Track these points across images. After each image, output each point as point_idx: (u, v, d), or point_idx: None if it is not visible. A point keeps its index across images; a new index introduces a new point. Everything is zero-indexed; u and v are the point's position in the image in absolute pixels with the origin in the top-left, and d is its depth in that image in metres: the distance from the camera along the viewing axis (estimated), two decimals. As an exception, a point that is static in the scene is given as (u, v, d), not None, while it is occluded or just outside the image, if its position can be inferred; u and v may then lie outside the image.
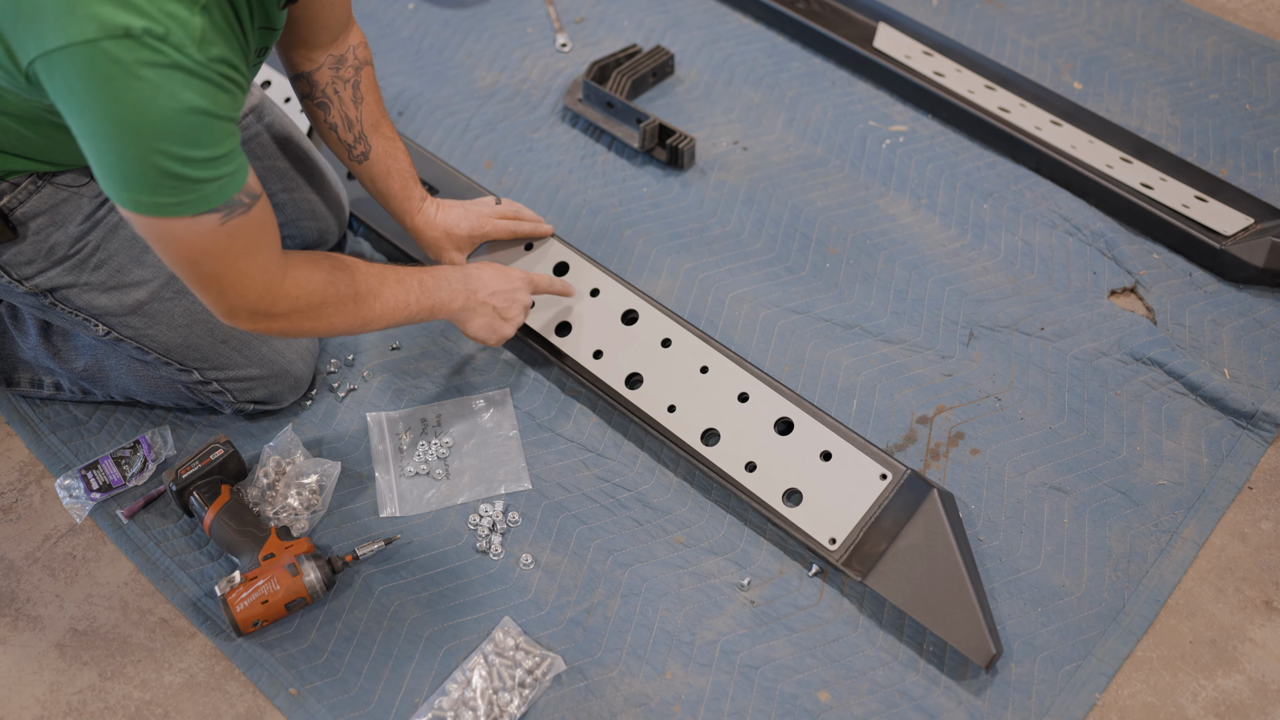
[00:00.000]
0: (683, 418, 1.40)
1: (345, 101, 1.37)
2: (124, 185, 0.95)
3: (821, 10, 2.00)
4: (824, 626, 1.26)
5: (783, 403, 1.38)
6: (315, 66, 1.35)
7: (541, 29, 2.04)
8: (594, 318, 1.49)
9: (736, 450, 1.36)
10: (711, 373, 1.42)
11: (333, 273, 1.19)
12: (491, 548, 1.33)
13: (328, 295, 1.17)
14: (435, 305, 1.30)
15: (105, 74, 0.89)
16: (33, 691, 1.25)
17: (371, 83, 1.39)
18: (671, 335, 1.46)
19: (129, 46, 0.88)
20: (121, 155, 0.93)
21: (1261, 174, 1.74)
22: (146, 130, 0.91)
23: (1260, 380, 1.47)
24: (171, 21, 0.90)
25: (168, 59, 0.90)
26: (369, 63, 1.38)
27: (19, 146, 1.13)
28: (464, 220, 1.49)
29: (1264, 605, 1.28)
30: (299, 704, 1.21)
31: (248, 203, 1.03)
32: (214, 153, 0.96)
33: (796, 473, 1.33)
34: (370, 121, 1.39)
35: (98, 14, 0.87)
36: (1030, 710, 1.19)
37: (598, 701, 1.21)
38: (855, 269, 1.63)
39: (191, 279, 1.06)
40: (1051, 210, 1.69)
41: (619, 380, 1.44)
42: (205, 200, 0.98)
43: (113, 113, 0.90)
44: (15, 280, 1.25)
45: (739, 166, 1.78)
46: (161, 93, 0.90)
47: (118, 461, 1.40)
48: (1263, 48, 1.95)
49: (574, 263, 1.55)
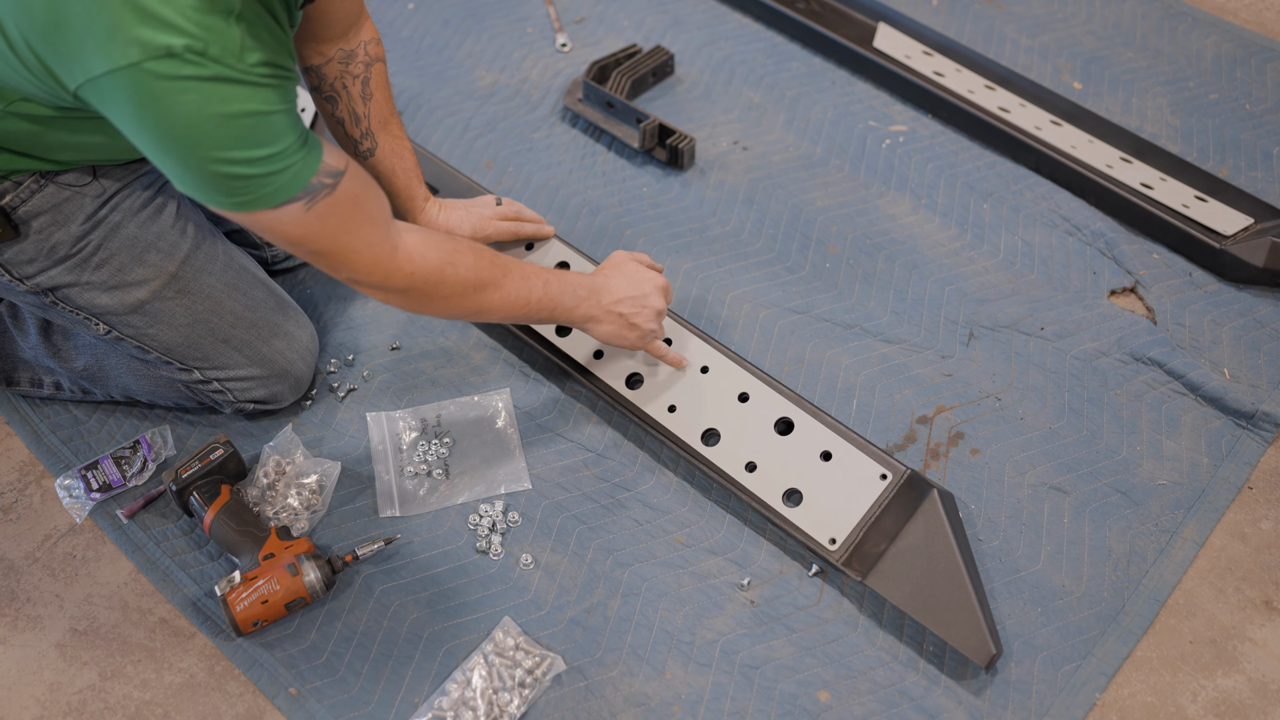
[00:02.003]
0: (683, 418, 1.40)
1: (353, 97, 1.37)
2: (198, 192, 0.99)
3: (821, 10, 2.00)
4: (824, 626, 1.26)
5: (783, 403, 1.38)
6: (324, 60, 1.35)
7: (541, 29, 2.04)
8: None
9: (736, 450, 1.36)
10: (711, 373, 1.42)
11: (453, 255, 1.18)
12: (491, 548, 1.33)
13: (445, 275, 1.17)
14: (557, 307, 1.29)
15: (153, 94, 0.92)
16: (33, 691, 1.25)
17: (382, 80, 1.39)
18: (672, 335, 1.46)
19: (173, 65, 0.90)
20: (185, 167, 0.97)
21: (1261, 174, 1.75)
22: (202, 142, 0.95)
23: (1260, 380, 1.47)
24: (210, 35, 0.91)
25: (211, 71, 0.92)
26: (380, 59, 1.38)
27: (27, 145, 1.13)
28: (465, 221, 1.50)
29: (1264, 605, 1.28)
30: (299, 704, 1.21)
31: (330, 183, 1.05)
32: (274, 149, 0.99)
33: (796, 473, 1.33)
34: (378, 119, 1.40)
35: (139, 37, 0.89)
36: (1030, 710, 1.19)
37: (598, 701, 1.21)
38: (855, 269, 1.63)
39: (304, 256, 1.10)
40: (1051, 210, 1.69)
41: (619, 381, 1.44)
42: (281, 191, 1.01)
43: (166, 130, 0.94)
44: (16, 279, 1.25)
45: (739, 166, 1.78)
46: (209, 104, 0.93)
47: (118, 461, 1.40)
48: (1263, 48, 1.95)
49: (575, 263, 1.55)
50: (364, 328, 1.56)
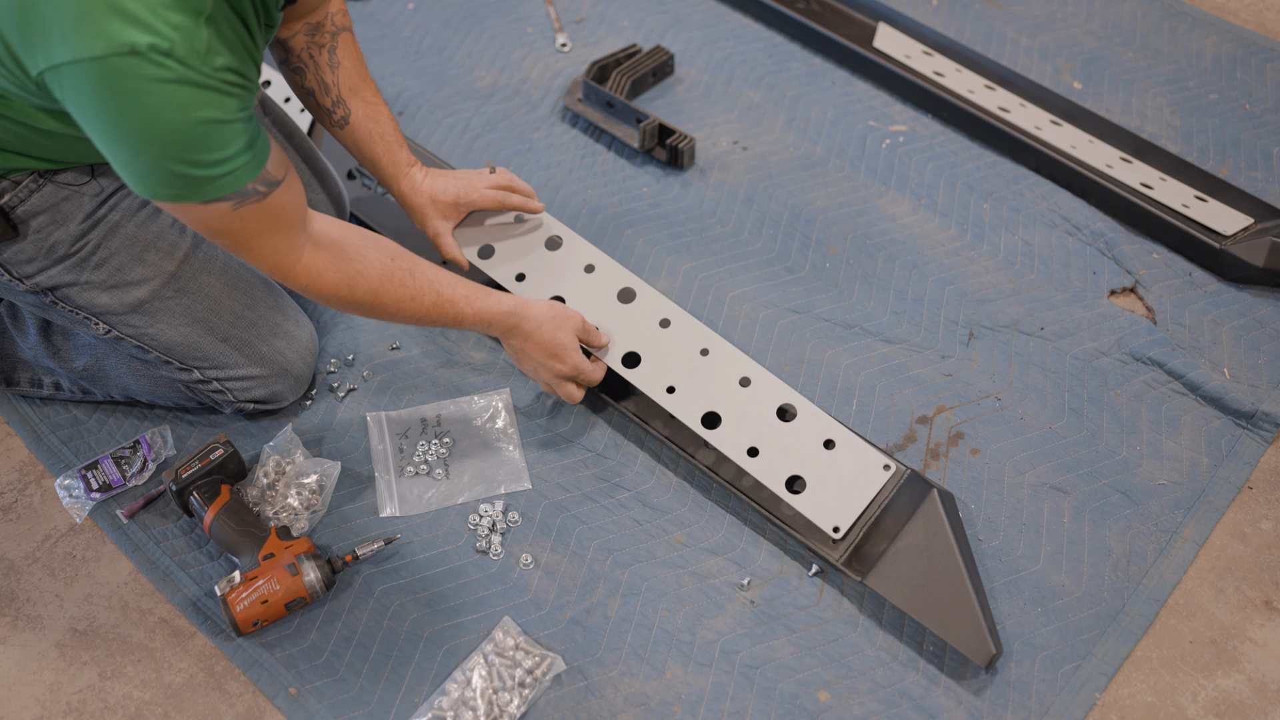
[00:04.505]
0: (682, 400, 1.38)
1: (321, 66, 1.37)
2: (138, 181, 1.00)
3: (821, 10, 2.00)
4: (824, 626, 1.26)
5: (784, 390, 1.37)
6: (291, 34, 1.35)
7: (541, 29, 2.04)
8: (590, 297, 1.47)
9: (738, 436, 1.35)
10: (712, 355, 1.41)
11: (352, 279, 1.20)
12: (491, 548, 1.33)
13: (340, 296, 1.21)
14: (466, 331, 1.30)
15: (114, 89, 0.92)
16: (33, 691, 1.25)
17: (349, 48, 1.39)
18: (670, 316, 1.44)
19: (136, 63, 0.90)
20: (133, 159, 0.98)
21: (1261, 174, 1.75)
22: (156, 140, 0.95)
23: (1260, 380, 1.47)
24: (177, 34, 0.91)
25: (174, 73, 0.92)
26: (347, 29, 1.38)
27: (20, 145, 1.13)
28: (450, 187, 1.47)
29: (1264, 605, 1.28)
30: (299, 704, 1.21)
31: (264, 191, 1.07)
32: (223, 154, 1.00)
33: (799, 459, 1.33)
34: (348, 86, 1.39)
35: (105, 30, 0.89)
36: (1030, 710, 1.19)
37: (598, 701, 1.21)
38: (855, 269, 1.63)
39: (210, 239, 1.12)
40: (1051, 210, 1.69)
41: (617, 362, 1.42)
42: (217, 189, 1.02)
43: (123, 124, 0.94)
44: (16, 279, 1.25)
45: (739, 166, 1.78)
46: (169, 106, 0.94)
47: (118, 461, 1.39)
48: (1263, 48, 1.95)
49: (568, 241, 1.53)
50: (364, 328, 1.56)
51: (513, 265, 1.51)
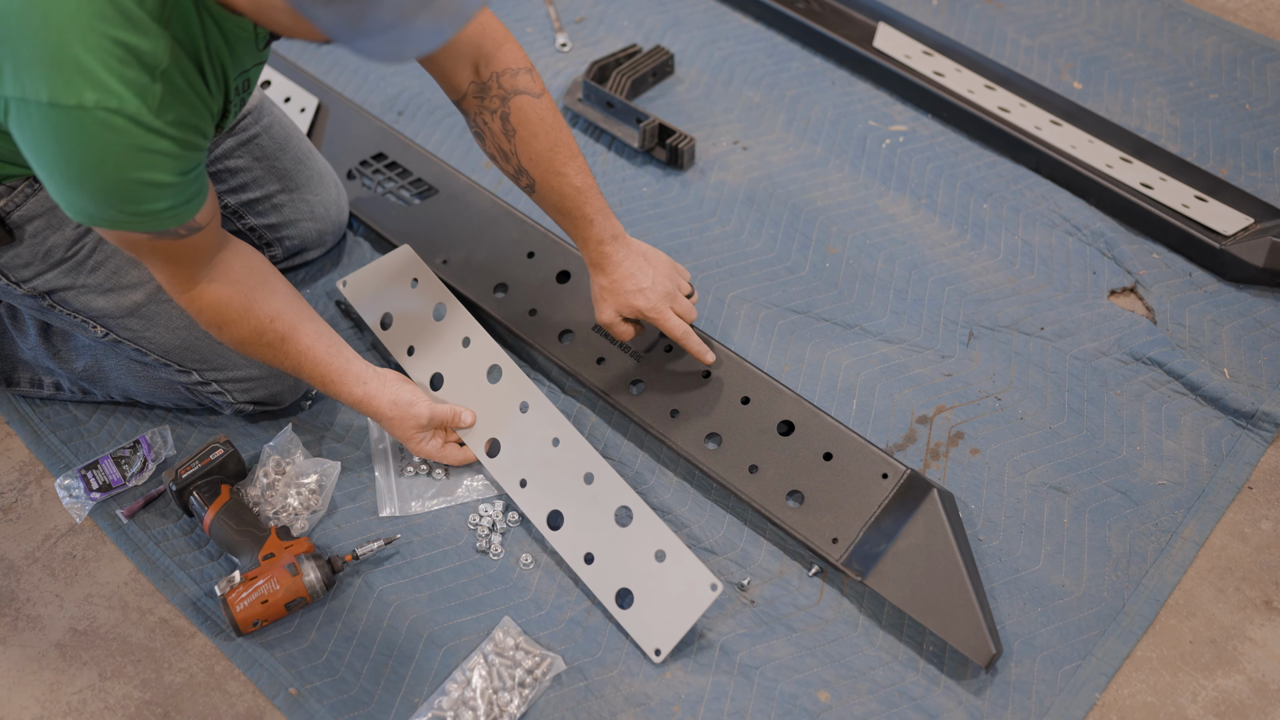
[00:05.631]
0: (532, 495, 1.34)
1: (496, 134, 1.29)
2: (69, 208, 1.02)
3: (821, 10, 2.00)
4: (824, 626, 1.26)
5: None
6: (460, 95, 1.28)
7: (541, 29, 2.04)
8: (464, 374, 1.43)
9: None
10: (563, 445, 1.35)
11: (223, 327, 1.21)
12: (491, 547, 1.33)
13: (213, 335, 1.23)
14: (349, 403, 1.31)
15: (57, 135, 0.92)
16: (33, 691, 1.25)
17: (525, 115, 1.26)
18: (530, 399, 1.38)
19: (83, 116, 0.91)
20: (66, 190, 0.99)
21: (1261, 174, 1.74)
22: (90, 184, 0.97)
23: (1260, 380, 1.47)
24: (128, 91, 0.91)
25: (118, 136, 0.93)
26: (521, 92, 1.26)
27: (11, 155, 1.13)
28: (640, 293, 1.33)
29: (1264, 605, 1.28)
30: (299, 704, 1.21)
31: (183, 234, 1.08)
32: (154, 208, 1.02)
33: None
34: (528, 155, 1.28)
35: (55, 80, 0.89)
36: (1030, 710, 1.19)
37: (598, 701, 1.21)
38: (855, 269, 1.63)
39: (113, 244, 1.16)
40: (1051, 210, 1.69)
41: (481, 449, 1.39)
42: (141, 225, 1.04)
43: (60, 168, 0.96)
44: (13, 283, 1.25)
45: (739, 166, 1.78)
46: (108, 163, 0.94)
47: (118, 461, 1.39)
48: (1263, 48, 1.95)
49: (451, 308, 1.47)
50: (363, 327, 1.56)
51: (404, 339, 1.48)
